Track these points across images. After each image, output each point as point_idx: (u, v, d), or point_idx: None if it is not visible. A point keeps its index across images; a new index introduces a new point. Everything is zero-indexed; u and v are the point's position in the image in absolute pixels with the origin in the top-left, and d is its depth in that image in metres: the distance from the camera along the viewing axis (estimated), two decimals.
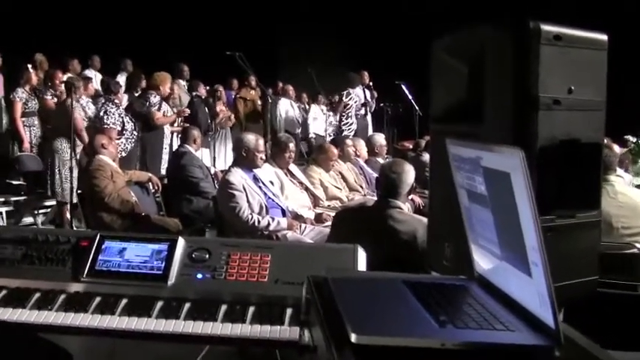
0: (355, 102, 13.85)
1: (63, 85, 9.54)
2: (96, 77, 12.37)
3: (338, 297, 1.78)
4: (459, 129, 2.88)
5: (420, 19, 14.83)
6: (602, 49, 2.79)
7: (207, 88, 12.35)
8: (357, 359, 1.46)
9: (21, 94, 9.85)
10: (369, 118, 14.45)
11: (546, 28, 2.64)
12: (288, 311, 2.61)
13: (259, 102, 13.74)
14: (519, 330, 1.61)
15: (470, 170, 1.87)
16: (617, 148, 8.62)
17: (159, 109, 9.72)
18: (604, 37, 2.80)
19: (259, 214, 5.98)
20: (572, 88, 2.70)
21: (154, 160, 9.59)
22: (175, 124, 10.50)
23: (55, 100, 9.70)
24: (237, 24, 15.85)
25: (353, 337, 1.51)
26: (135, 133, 9.28)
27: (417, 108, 13.28)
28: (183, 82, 12.62)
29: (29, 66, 10.46)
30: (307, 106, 14.54)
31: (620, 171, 8.19)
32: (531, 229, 1.53)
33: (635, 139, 11.04)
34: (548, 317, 1.54)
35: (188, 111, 10.87)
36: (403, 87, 13.29)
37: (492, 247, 1.84)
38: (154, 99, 9.74)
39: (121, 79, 12.33)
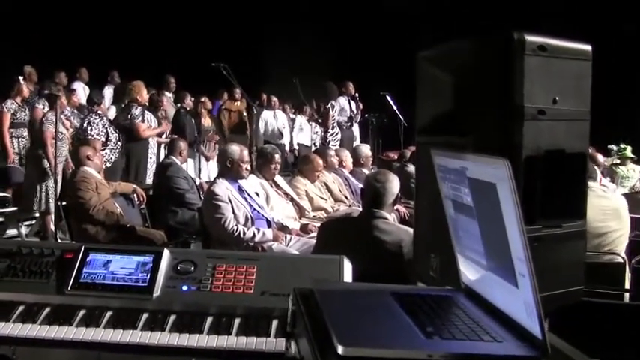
0: (339, 113, 13.84)
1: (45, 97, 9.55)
2: (85, 89, 12.34)
3: (324, 308, 1.77)
4: (444, 140, 2.88)
5: (406, 31, 14.89)
6: (587, 59, 2.80)
7: (193, 99, 12.34)
8: None
9: (10, 105, 9.82)
10: (355, 128, 14.44)
11: (530, 38, 2.65)
12: (274, 323, 2.61)
13: (245, 113, 13.74)
14: (506, 340, 1.61)
15: (456, 181, 1.87)
16: (600, 158, 8.69)
17: (142, 121, 9.70)
18: (588, 48, 2.81)
19: (244, 225, 5.97)
20: (557, 98, 2.71)
21: (140, 171, 9.57)
22: (163, 136, 10.48)
23: (45, 109, 9.65)
24: (224, 35, 15.89)
25: (339, 349, 1.51)
26: (119, 143, 9.25)
27: (401, 119, 13.30)
28: (169, 94, 12.60)
29: (20, 78, 10.41)
30: (294, 116, 14.53)
31: (604, 181, 8.27)
32: (518, 239, 1.53)
33: (617, 147, 11.14)
34: (535, 327, 1.54)
35: (169, 125, 10.84)
36: (388, 98, 13.30)
37: (479, 257, 1.84)
38: (135, 111, 9.73)
39: (108, 90, 12.32)
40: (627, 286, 5.07)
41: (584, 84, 2.83)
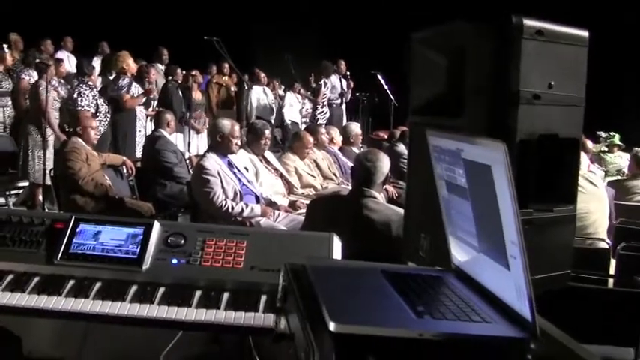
0: (330, 91, 13.83)
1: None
2: (69, 59, 12.25)
3: (316, 285, 1.78)
4: (438, 122, 2.88)
5: (398, 10, 14.84)
6: (583, 45, 2.81)
7: (184, 72, 12.28)
8: (336, 347, 1.46)
9: None
10: (344, 107, 14.44)
11: (529, 23, 2.65)
12: (263, 298, 2.62)
13: (233, 88, 13.69)
14: (496, 322, 1.62)
15: (450, 162, 1.88)
16: (589, 144, 8.73)
17: (128, 91, 9.65)
18: (585, 34, 2.81)
19: (233, 200, 5.97)
20: (552, 83, 2.71)
21: (128, 144, 9.53)
22: (150, 109, 10.42)
23: (32, 80, 9.57)
24: (216, 9, 15.78)
25: (331, 326, 1.51)
26: (108, 115, 9.21)
27: (392, 98, 13.27)
28: (161, 67, 12.54)
29: (5, 46, 10.32)
30: (283, 93, 14.49)
31: (592, 167, 8.31)
32: (511, 222, 1.54)
33: (606, 135, 11.19)
34: (525, 310, 1.55)
35: (156, 89, 10.75)
36: (379, 77, 13.28)
37: (470, 239, 1.84)
38: (123, 81, 9.70)
39: (97, 61, 12.23)
40: (612, 271, 5.11)
41: (579, 70, 2.84)
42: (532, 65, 2.67)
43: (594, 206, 5.56)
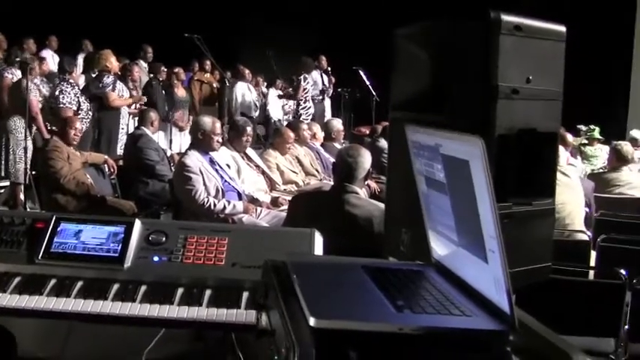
0: (312, 86, 13.82)
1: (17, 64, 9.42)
2: (53, 57, 12.19)
3: (297, 281, 1.78)
4: (418, 117, 2.89)
5: (379, 6, 14.86)
6: (561, 40, 2.82)
7: (166, 70, 12.24)
8: (316, 343, 1.47)
9: None
10: (326, 102, 14.43)
11: (507, 18, 2.66)
12: (245, 295, 2.63)
13: (215, 85, 13.67)
14: (475, 315, 1.63)
15: (429, 157, 1.89)
16: (569, 138, 8.79)
17: (113, 89, 9.62)
18: (562, 29, 2.82)
19: (215, 197, 5.97)
20: (531, 78, 2.73)
21: (111, 142, 9.49)
22: (133, 107, 10.39)
23: (14, 78, 9.51)
24: (198, 5, 15.73)
25: (311, 321, 1.52)
26: (90, 113, 9.17)
27: (374, 94, 13.29)
28: (144, 64, 12.49)
29: None
30: (266, 90, 14.48)
31: (572, 160, 8.36)
32: (489, 216, 1.55)
33: (586, 128, 11.26)
34: (504, 303, 1.56)
35: (144, 99, 10.75)
36: (361, 72, 13.29)
37: (450, 233, 1.86)
38: (107, 79, 9.66)
39: (80, 59, 12.17)
40: (593, 263, 5.15)
41: (557, 64, 2.85)
42: (511, 60, 2.68)
43: (568, 197, 5.61)
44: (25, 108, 8.04)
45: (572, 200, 5.68)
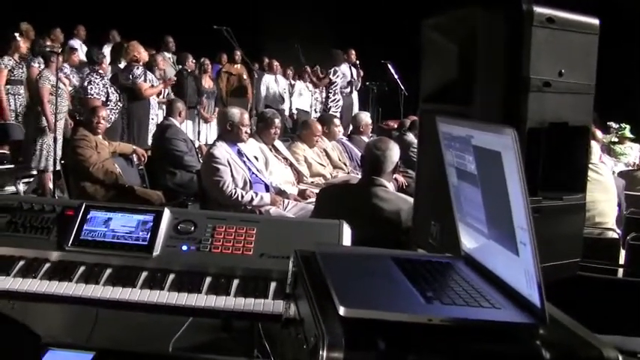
0: (341, 79, 13.82)
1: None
2: (82, 47, 12.27)
3: (326, 271, 1.78)
4: (448, 109, 2.88)
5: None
6: (594, 33, 2.80)
7: (195, 61, 12.28)
8: (345, 332, 1.47)
9: (7, 61, 9.72)
10: (354, 95, 14.44)
11: (539, 10, 2.64)
12: (273, 285, 2.62)
13: (245, 77, 13.70)
14: (505, 308, 1.62)
15: (460, 149, 1.87)
16: (599, 135, 8.71)
17: (145, 80, 9.69)
18: (596, 22, 2.80)
19: (243, 188, 5.98)
20: (563, 71, 2.71)
21: (142, 132, 9.57)
22: (161, 96, 10.45)
23: (41, 67, 9.59)
24: None
25: (341, 310, 1.52)
26: (119, 104, 9.23)
27: (402, 88, 13.27)
28: (168, 55, 12.55)
29: (17, 34, 10.34)
30: (294, 82, 14.50)
31: (604, 157, 8.29)
32: (521, 209, 1.53)
33: (617, 126, 11.15)
34: (535, 296, 1.55)
35: (174, 78, 10.80)
36: (389, 66, 13.27)
37: (480, 225, 1.84)
38: (137, 70, 9.73)
39: (107, 50, 12.24)
40: (622, 261, 5.11)
41: (590, 58, 2.83)
42: (542, 52, 2.66)
43: (600, 195, 5.55)
44: (54, 97, 8.12)
45: (604, 199, 5.62)
